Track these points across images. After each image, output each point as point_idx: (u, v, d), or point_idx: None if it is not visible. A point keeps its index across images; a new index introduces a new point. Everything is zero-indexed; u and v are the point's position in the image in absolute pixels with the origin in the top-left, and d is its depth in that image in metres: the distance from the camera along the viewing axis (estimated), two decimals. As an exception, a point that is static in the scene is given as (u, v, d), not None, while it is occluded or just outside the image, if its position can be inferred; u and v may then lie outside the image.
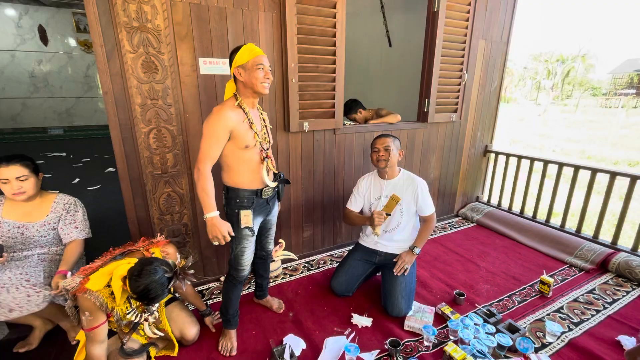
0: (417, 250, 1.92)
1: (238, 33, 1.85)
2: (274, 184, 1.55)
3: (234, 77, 1.39)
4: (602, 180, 2.55)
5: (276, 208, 1.71)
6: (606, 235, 2.57)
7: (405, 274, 1.87)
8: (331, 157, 2.41)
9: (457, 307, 1.94)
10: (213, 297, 2.03)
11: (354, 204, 2.04)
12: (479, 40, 2.82)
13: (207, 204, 1.34)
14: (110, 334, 1.40)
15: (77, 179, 4.05)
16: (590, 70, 33.36)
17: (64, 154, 5.54)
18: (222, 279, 2.18)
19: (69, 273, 1.49)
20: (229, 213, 1.49)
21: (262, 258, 1.82)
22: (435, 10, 2.49)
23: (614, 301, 1.98)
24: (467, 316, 1.78)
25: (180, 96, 1.78)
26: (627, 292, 2.07)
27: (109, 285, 1.26)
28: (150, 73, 1.67)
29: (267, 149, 1.52)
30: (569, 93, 33.62)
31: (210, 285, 2.15)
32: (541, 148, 10.65)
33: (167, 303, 1.67)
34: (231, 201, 1.47)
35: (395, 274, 1.86)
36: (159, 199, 1.87)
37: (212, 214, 1.34)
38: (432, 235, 2.87)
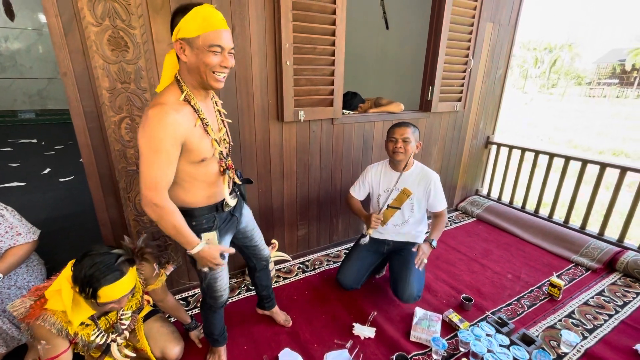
0: (434, 243, 1.75)
1: (224, 6, 1.59)
2: (234, 201, 1.23)
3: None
4: (609, 175, 2.43)
5: (246, 211, 1.40)
6: (612, 232, 2.48)
7: (420, 269, 1.69)
8: (328, 150, 2.20)
9: (465, 313, 1.81)
10: (199, 305, 1.84)
11: (357, 192, 1.91)
12: (487, 23, 2.62)
13: (186, 240, 1.04)
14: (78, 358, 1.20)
15: (48, 169, 3.70)
16: (576, 59, 33.69)
17: (35, 141, 5.12)
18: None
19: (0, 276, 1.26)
20: None
21: (262, 269, 1.59)
22: (443, -12, 2.27)
23: (625, 304, 1.89)
24: (477, 325, 1.65)
25: (157, 79, 1.53)
26: (637, 294, 1.98)
27: None
28: (119, 51, 1.41)
29: (227, 157, 1.17)
30: (555, 82, 34.02)
31: (196, 291, 1.95)
32: (529, 137, 10.69)
33: (146, 317, 1.47)
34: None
35: (416, 267, 1.66)
36: (135, 198, 1.64)
37: (199, 247, 1.07)
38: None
